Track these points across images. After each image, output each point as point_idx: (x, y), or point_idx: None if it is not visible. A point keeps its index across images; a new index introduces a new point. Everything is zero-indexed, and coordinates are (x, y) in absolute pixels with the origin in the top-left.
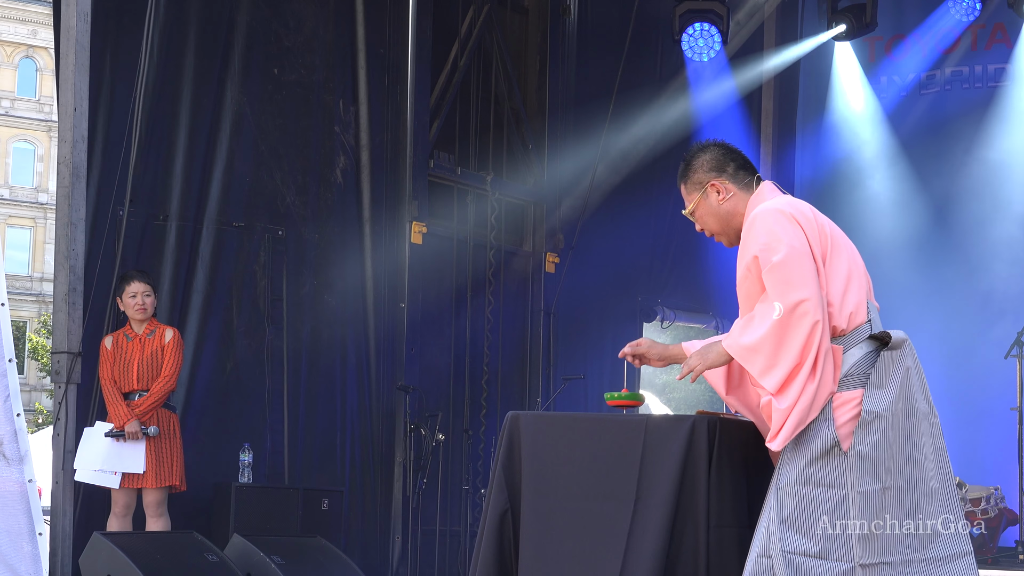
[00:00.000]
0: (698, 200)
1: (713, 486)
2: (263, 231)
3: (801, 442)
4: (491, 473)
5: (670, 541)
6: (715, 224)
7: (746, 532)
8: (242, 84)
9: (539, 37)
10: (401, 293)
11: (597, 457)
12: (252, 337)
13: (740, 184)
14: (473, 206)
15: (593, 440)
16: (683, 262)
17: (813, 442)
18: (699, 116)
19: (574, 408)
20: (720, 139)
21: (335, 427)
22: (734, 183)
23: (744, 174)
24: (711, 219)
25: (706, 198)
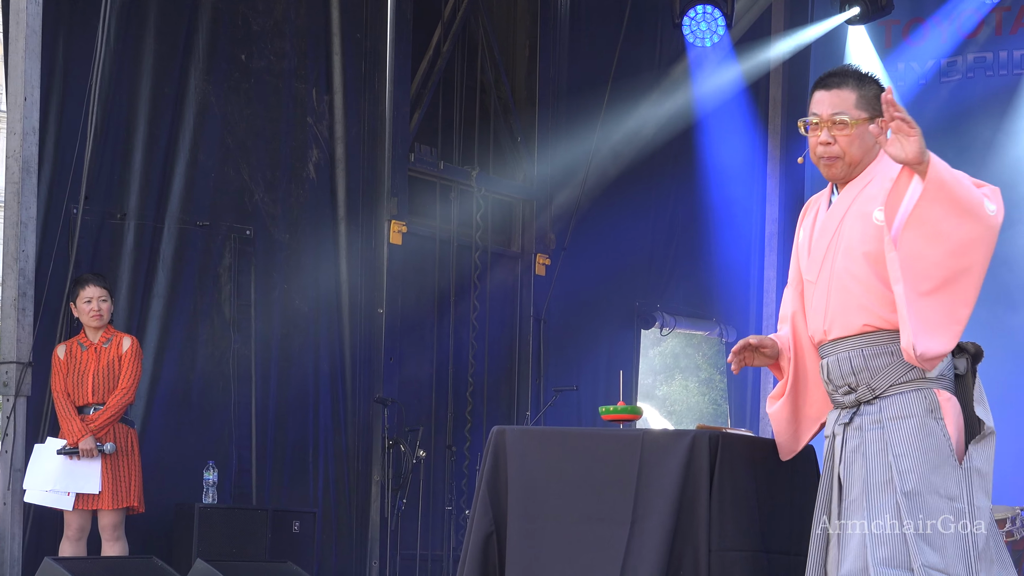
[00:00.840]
0: (861, 121)
1: (715, 507)
2: (229, 231)
3: (920, 447)
4: (475, 493)
5: (668, 567)
6: (859, 153)
7: (755, 557)
8: (207, 72)
9: (529, 21)
10: (379, 298)
11: (590, 475)
12: (217, 346)
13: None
14: (457, 203)
15: (586, 457)
16: (684, 264)
17: (933, 449)
18: (701, 106)
19: (566, 422)
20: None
21: (307, 443)
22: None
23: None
24: (862, 146)
25: (871, 125)
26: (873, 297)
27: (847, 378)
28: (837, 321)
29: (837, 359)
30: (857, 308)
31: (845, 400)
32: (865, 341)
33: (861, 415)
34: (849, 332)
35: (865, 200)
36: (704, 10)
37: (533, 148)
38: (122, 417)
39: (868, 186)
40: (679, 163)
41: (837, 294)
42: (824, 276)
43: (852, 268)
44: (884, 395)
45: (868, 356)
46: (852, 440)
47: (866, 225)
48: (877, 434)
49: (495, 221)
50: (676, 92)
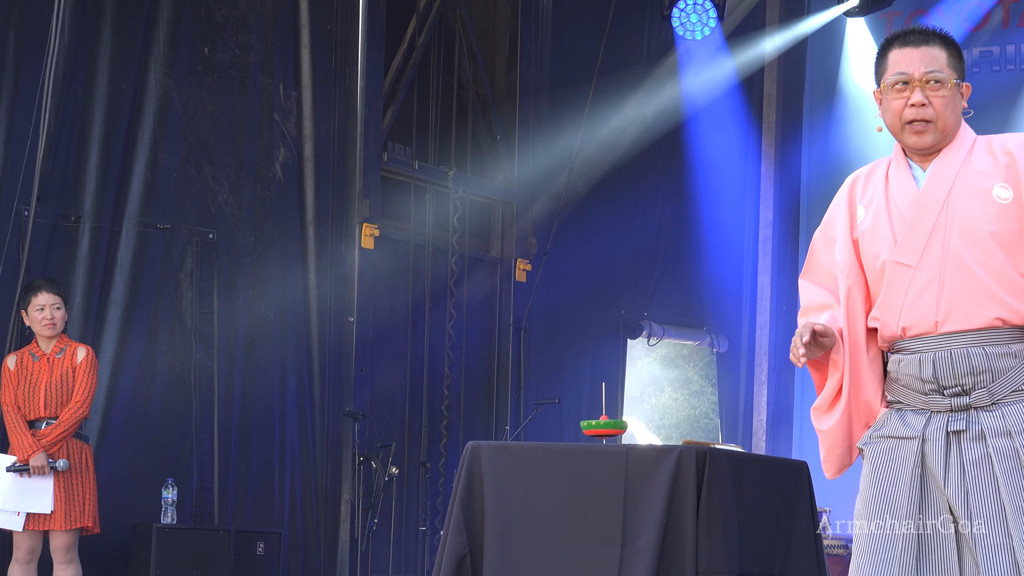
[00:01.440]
0: (953, 86)
1: (701, 528)
2: (191, 234)
3: None
4: (448, 512)
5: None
6: (952, 119)
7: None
8: (167, 65)
9: (509, 12)
10: (349, 305)
11: (574, 494)
12: (178, 356)
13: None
14: (433, 205)
15: (568, 475)
16: (673, 270)
17: None
18: (691, 102)
19: (547, 437)
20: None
21: (272, 459)
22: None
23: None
24: (955, 111)
25: (959, 90)
26: (1006, 286)
27: (962, 378)
28: (957, 311)
29: (951, 355)
30: (987, 297)
31: (952, 403)
32: (990, 337)
33: (979, 423)
34: (973, 325)
35: (975, 175)
36: (695, 1)
37: (513, 147)
38: (76, 432)
39: (972, 159)
40: (668, 163)
41: (956, 281)
42: (932, 259)
43: (976, 252)
44: (1004, 401)
45: (992, 356)
46: (972, 451)
47: (986, 203)
48: (1007, 447)
49: (473, 224)
50: (665, 88)
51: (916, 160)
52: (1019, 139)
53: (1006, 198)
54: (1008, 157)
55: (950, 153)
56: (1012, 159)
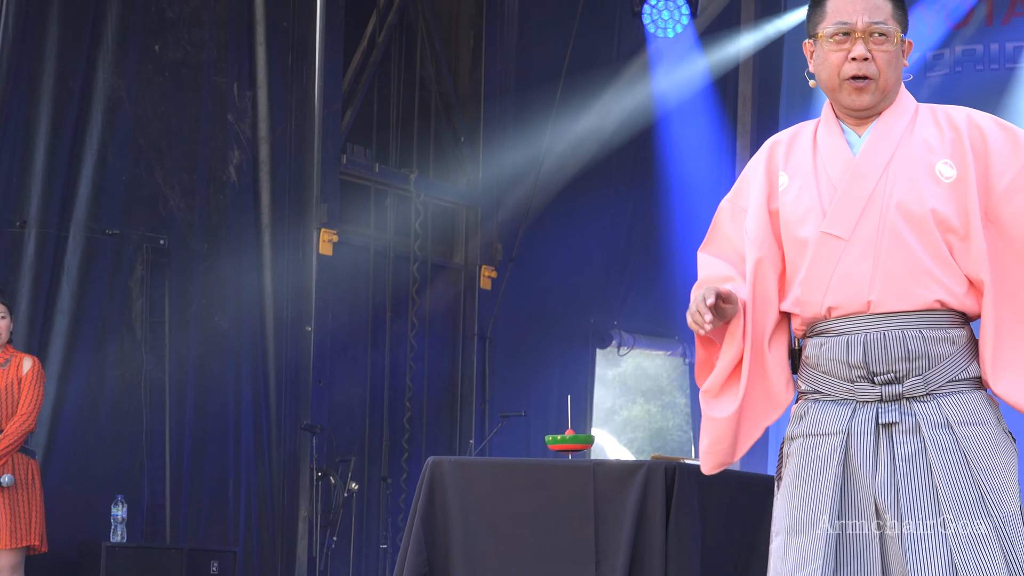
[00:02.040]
0: (897, 39)
1: (671, 545)
2: (141, 240)
3: (1005, 461)
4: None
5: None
6: (894, 76)
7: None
8: (116, 63)
9: (473, 9)
10: (307, 314)
11: (543, 511)
12: (127, 367)
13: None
14: (394, 210)
15: (535, 491)
16: (643, 278)
17: (1014, 465)
18: (663, 103)
19: (514, 451)
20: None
21: (227, 475)
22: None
23: None
24: (896, 68)
25: (902, 46)
26: (944, 268)
27: (896, 364)
28: (893, 290)
29: (884, 336)
30: (927, 277)
31: (883, 392)
32: (928, 320)
33: (913, 415)
34: (911, 306)
35: (919, 146)
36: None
37: (478, 149)
38: (22, 446)
39: (915, 127)
40: (638, 166)
41: (894, 257)
42: (866, 232)
43: (916, 229)
44: (938, 392)
45: (930, 340)
46: (905, 446)
47: (929, 179)
48: (947, 440)
49: (435, 229)
50: (635, 88)
51: (850, 124)
52: (966, 114)
53: (949, 176)
54: (954, 132)
55: (891, 118)
56: (958, 135)
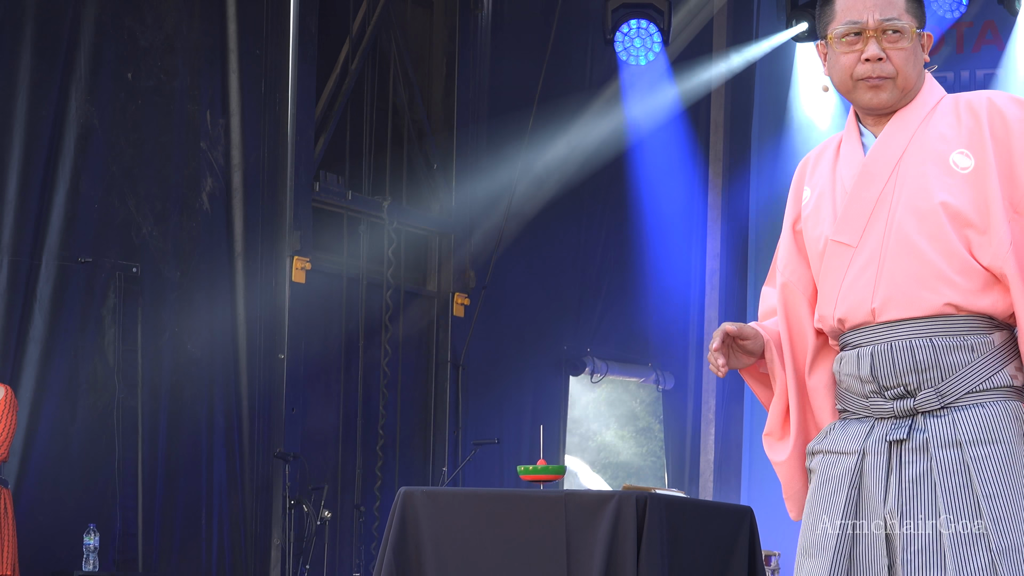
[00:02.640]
0: (914, 36)
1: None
2: (114, 268)
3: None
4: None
5: None
6: (914, 74)
7: None
8: (89, 91)
9: (446, 36)
10: (280, 342)
11: (515, 543)
12: (100, 395)
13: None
14: (367, 237)
15: (508, 522)
16: (617, 304)
17: None
18: (635, 130)
19: (487, 478)
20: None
21: (199, 503)
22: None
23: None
24: (917, 65)
25: (920, 40)
26: (959, 267)
27: (904, 376)
28: (897, 297)
29: (891, 347)
30: (936, 280)
31: (894, 407)
32: (938, 327)
33: (923, 431)
34: (916, 313)
35: (933, 138)
36: (638, 25)
37: (451, 176)
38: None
39: (932, 119)
40: (611, 193)
41: (899, 261)
42: (873, 237)
43: (925, 227)
44: (955, 405)
45: (942, 348)
46: (912, 466)
47: (941, 171)
48: (954, 461)
49: (408, 257)
50: (608, 115)
51: (870, 125)
52: (986, 99)
53: (965, 167)
54: (973, 119)
55: (906, 113)
56: (977, 122)
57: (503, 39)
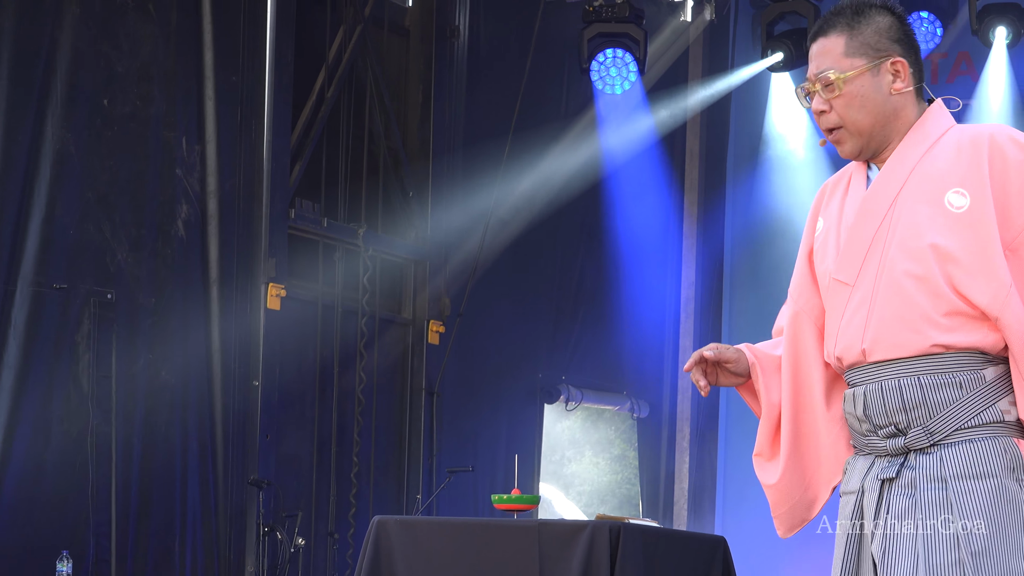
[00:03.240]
0: (862, 71)
1: None
2: (88, 294)
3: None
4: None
5: None
6: (867, 117)
7: None
8: (65, 118)
9: (422, 64)
10: (255, 369)
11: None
12: (74, 422)
13: (917, 82)
14: (342, 265)
15: (481, 551)
16: (591, 332)
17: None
18: (611, 158)
19: (462, 506)
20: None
21: (173, 530)
22: (914, 76)
23: (920, 73)
24: (867, 107)
25: (876, 75)
26: (943, 308)
27: (894, 416)
28: (885, 337)
29: (881, 388)
30: (922, 321)
31: (888, 446)
32: (927, 365)
33: (912, 468)
34: (903, 353)
35: (930, 176)
36: (614, 54)
37: (426, 204)
38: None
39: (931, 155)
40: (587, 221)
41: (888, 301)
42: (867, 276)
43: (915, 267)
44: (945, 442)
45: (929, 387)
46: (899, 502)
47: (935, 210)
48: (938, 498)
49: (384, 284)
50: (584, 143)
51: (876, 160)
52: (988, 135)
53: (960, 206)
54: (973, 156)
55: (905, 148)
56: (976, 159)
57: (479, 67)
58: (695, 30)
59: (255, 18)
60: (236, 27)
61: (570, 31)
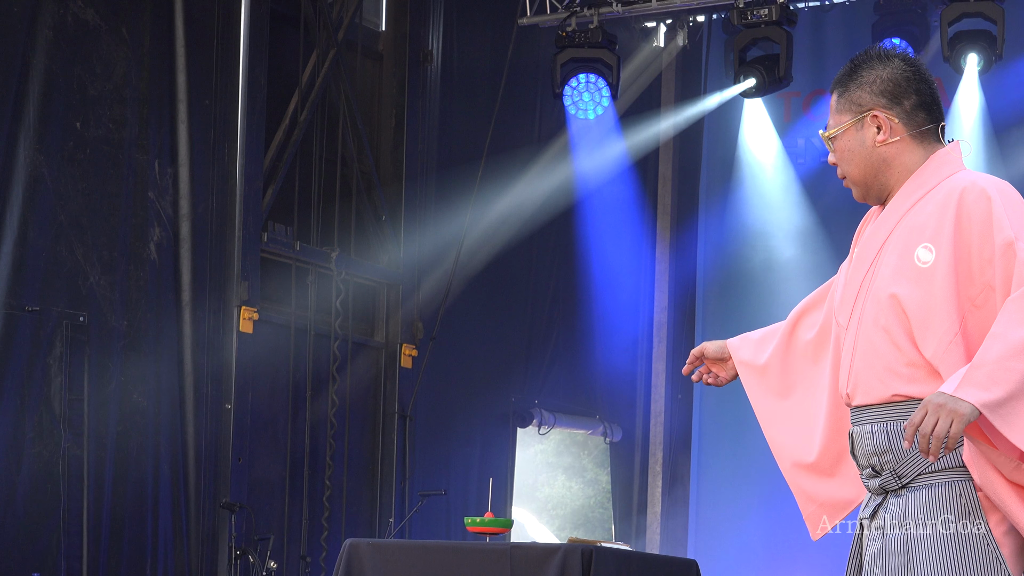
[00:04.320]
0: (848, 127)
1: None
2: (61, 317)
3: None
4: None
5: None
6: (856, 169)
7: None
8: (38, 140)
9: (395, 88)
10: (227, 392)
11: None
12: (46, 444)
13: (913, 128)
14: (315, 288)
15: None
16: (565, 356)
17: (971, 568)
18: (584, 183)
19: (434, 530)
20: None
21: (145, 553)
22: (906, 124)
23: (924, 117)
24: (855, 160)
25: (860, 129)
26: (903, 360)
27: (870, 458)
28: (860, 385)
29: (860, 431)
30: (885, 371)
31: (870, 484)
32: (894, 412)
33: (887, 509)
34: (872, 400)
35: (909, 230)
36: (587, 79)
37: (399, 228)
38: None
39: (916, 209)
40: (559, 245)
41: (864, 349)
42: (854, 322)
43: (881, 318)
44: (912, 485)
45: (894, 433)
46: (873, 543)
47: (904, 263)
48: (900, 542)
49: (356, 308)
50: (556, 168)
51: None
52: (962, 189)
53: (926, 261)
54: (944, 210)
55: (899, 200)
56: (946, 214)
57: (452, 92)
58: (668, 56)
59: (228, 42)
60: (209, 51)
61: (543, 56)
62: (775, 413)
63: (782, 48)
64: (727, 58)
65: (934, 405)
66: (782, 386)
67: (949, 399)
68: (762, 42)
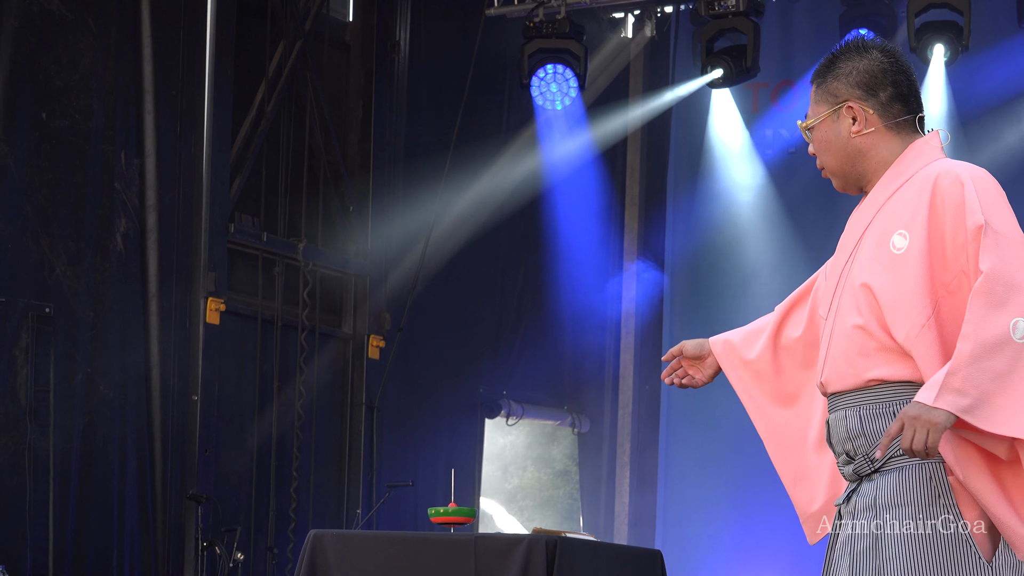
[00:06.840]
0: (824, 118)
1: None
2: (26, 308)
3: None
4: None
5: None
6: (833, 159)
7: None
8: (4, 132)
9: (362, 78)
10: (194, 383)
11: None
12: (11, 436)
13: (888, 119)
14: (282, 279)
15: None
16: (533, 347)
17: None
18: (552, 173)
19: (401, 521)
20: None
21: (111, 545)
22: (881, 115)
23: (900, 108)
24: (831, 150)
25: (836, 120)
26: (875, 345)
27: (844, 444)
28: (834, 371)
29: (835, 419)
30: (858, 357)
31: (846, 471)
32: (867, 398)
33: (859, 495)
34: (846, 386)
35: (887, 219)
36: (555, 70)
37: (367, 218)
38: None
39: (894, 198)
40: (528, 236)
41: (837, 338)
42: (832, 312)
43: (853, 305)
44: (884, 469)
45: (866, 418)
46: (844, 529)
47: (880, 252)
48: (869, 527)
49: (324, 299)
50: (524, 158)
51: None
52: (936, 176)
53: (900, 248)
54: (919, 197)
55: (877, 190)
56: (920, 201)
57: (420, 82)
58: (636, 46)
59: (195, 32)
60: (175, 41)
61: (511, 47)
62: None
63: (749, 39)
64: (695, 49)
65: (909, 417)
66: (778, 392)
67: (924, 410)
68: (729, 32)
